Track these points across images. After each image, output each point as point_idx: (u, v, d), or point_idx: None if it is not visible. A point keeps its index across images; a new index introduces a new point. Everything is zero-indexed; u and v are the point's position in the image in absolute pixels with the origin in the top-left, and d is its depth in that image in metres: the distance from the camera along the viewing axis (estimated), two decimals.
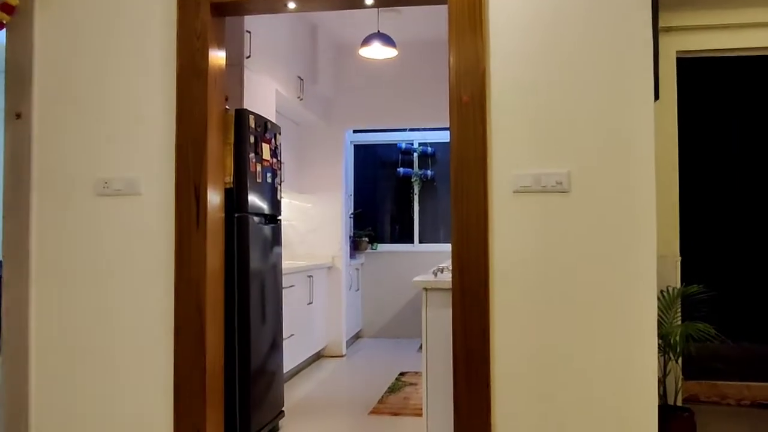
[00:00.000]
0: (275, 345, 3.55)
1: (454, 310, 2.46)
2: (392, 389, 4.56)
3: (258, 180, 3.33)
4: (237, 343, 3.12)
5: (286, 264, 4.85)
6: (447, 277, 2.78)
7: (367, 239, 7.33)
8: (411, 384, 4.71)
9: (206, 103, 2.72)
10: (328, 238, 6.13)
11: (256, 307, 3.29)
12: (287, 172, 5.57)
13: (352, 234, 7.19)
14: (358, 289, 7.05)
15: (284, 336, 4.55)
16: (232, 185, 3.12)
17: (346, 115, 6.18)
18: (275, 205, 3.62)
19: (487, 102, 2.52)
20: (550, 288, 2.40)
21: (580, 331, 2.37)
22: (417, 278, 2.87)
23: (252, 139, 3.26)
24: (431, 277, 2.87)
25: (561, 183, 2.43)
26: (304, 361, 5.35)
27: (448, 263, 2.96)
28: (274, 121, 4.44)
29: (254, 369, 3.20)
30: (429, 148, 7.44)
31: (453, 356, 2.44)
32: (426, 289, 2.81)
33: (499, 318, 2.44)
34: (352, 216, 7.29)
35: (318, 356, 5.88)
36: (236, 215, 3.16)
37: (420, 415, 3.86)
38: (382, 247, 7.44)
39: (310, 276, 5.33)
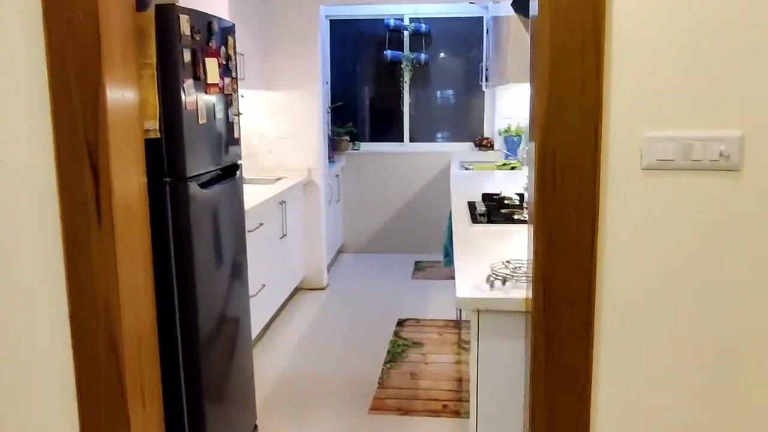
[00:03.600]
0: (240, 354, 2.50)
1: (534, 374, 1.46)
2: (392, 357, 3.62)
3: (201, 120, 2.10)
4: (183, 375, 2.10)
5: (250, 191, 3.74)
6: (511, 292, 1.76)
7: (347, 138, 6.17)
8: (414, 345, 3.79)
9: (96, 2, 1.52)
10: (304, 146, 4.93)
11: (209, 321, 2.20)
12: (250, 63, 4.29)
13: (330, 132, 6.01)
14: (339, 200, 5.98)
15: (253, 292, 3.56)
16: (159, 135, 1.95)
17: None
18: (232, 147, 2.41)
19: (607, 13, 1.38)
20: (703, 328, 1.42)
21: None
22: (463, 294, 1.79)
23: (188, 56, 2.00)
24: (486, 290, 1.79)
25: (728, 156, 1.38)
26: (278, 309, 4.37)
27: (511, 259, 1.90)
28: (227, 5, 3.16)
29: (211, 402, 2.19)
30: (423, 26, 6.08)
31: None
32: (478, 311, 1.78)
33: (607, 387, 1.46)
34: (329, 111, 6.07)
35: (296, 291, 4.92)
36: (167, 181, 1.98)
37: (436, 412, 2.99)
38: (366, 147, 6.29)
39: (282, 202, 4.23)
